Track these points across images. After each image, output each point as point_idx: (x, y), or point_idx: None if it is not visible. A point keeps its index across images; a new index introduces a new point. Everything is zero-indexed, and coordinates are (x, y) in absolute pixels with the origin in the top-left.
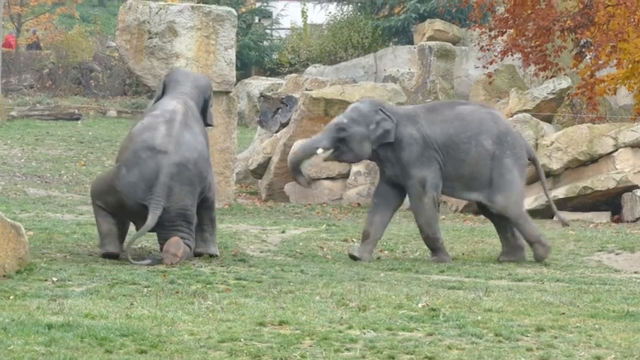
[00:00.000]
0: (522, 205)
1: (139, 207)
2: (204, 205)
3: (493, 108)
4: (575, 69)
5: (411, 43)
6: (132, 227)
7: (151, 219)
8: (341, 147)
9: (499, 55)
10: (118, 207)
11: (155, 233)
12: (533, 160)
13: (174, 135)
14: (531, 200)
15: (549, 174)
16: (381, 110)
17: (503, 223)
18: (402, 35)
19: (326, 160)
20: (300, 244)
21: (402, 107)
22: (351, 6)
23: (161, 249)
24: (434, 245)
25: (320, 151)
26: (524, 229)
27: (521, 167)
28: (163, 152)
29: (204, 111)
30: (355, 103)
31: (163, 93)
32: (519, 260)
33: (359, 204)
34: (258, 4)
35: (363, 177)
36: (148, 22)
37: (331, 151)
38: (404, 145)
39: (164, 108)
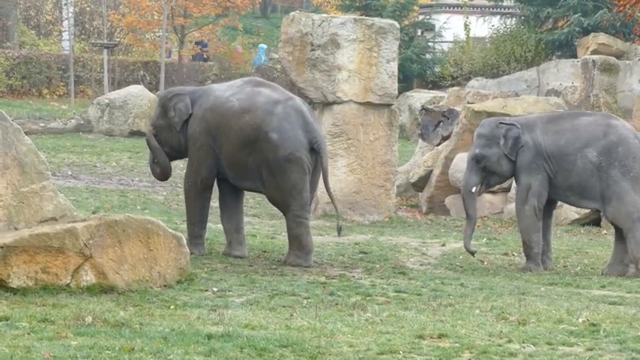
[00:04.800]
0: (635, 218)
1: None
2: None
3: (616, 118)
4: None
5: (575, 56)
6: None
7: None
8: (486, 175)
9: None
10: None
11: None
12: None
13: None
14: None
15: None
16: (502, 123)
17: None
18: (566, 49)
19: (482, 192)
20: (461, 257)
21: (521, 117)
22: (514, 19)
23: None
24: (526, 252)
25: (474, 189)
26: (631, 243)
27: (631, 179)
28: None
29: None
30: (477, 130)
31: None
32: (621, 275)
33: None
34: (421, 17)
35: None
36: (311, 34)
37: (482, 183)
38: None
39: None
